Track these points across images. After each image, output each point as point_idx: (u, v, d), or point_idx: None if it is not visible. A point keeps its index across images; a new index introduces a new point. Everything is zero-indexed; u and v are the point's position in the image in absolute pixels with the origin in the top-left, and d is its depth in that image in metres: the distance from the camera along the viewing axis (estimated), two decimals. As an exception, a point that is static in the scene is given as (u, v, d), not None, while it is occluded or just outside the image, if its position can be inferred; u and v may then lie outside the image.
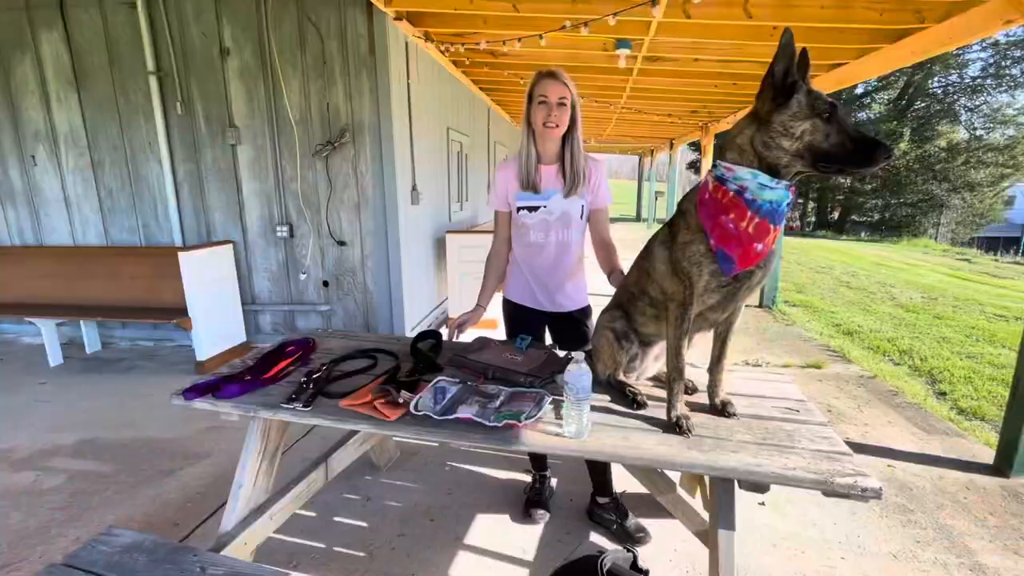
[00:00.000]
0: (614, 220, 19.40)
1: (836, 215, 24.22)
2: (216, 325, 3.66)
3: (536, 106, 1.70)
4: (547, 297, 1.90)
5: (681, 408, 1.35)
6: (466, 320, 1.95)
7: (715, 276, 1.28)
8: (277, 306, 4.02)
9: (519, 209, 1.82)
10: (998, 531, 2.04)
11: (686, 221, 1.33)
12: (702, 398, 1.50)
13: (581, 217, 1.82)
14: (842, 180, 21.84)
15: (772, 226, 1.21)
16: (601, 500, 2.01)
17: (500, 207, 1.90)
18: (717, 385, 1.44)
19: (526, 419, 1.30)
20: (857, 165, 1.10)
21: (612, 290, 1.73)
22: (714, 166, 1.28)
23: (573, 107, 1.72)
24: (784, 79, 1.14)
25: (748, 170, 1.20)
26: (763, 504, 2.16)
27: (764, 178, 1.18)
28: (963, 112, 20.02)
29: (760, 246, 1.22)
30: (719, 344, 1.45)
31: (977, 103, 19.78)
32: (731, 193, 1.21)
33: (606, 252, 1.88)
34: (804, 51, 1.19)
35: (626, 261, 1.77)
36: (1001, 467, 2.46)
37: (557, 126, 1.69)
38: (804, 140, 1.14)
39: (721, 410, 1.41)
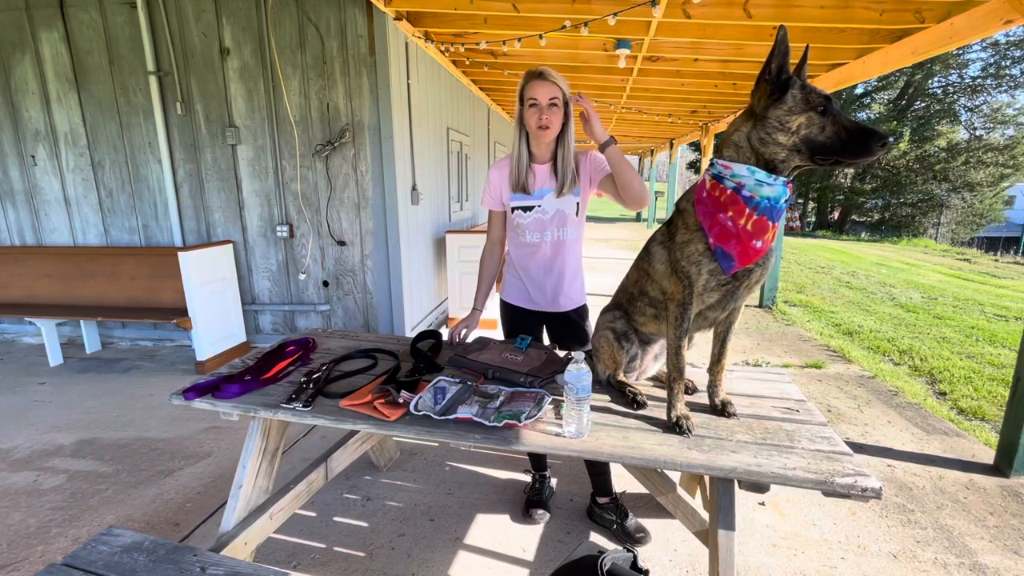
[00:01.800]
0: (613, 220, 19.39)
1: (836, 215, 24.19)
2: (216, 325, 3.66)
3: (527, 109, 1.66)
4: (543, 297, 1.89)
5: (681, 408, 1.35)
6: (466, 327, 1.94)
7: (714, 275, 1.28)
8: (277, 306, 4.02)
9: (514, 209, 1.81)
10: (998, 531, 2.04)
11: (684, 220, 1.33)
12: (702, 398, 1.50)
13: (576, 215, 1.80)
14: (842, 180, 21.85)
15: (771, 223, 1.21)
16: (601, 500, 2.00)
17: (494, 207, 1.89)
18: (717, 385, 1.44)
19: (526, 419, 1.30)
20: (855, 155, 1.09)
21: (611, 291, 1.72)
22: (710, 164, 1.28)
23: (566, 105, 1.67)
24: (779, 75, 1.15)
25: (745, 166, 1.20)
26: (763, 504, 2.16)
27: (761, 174, 1.18)
28: (963, 112, 20.01)
29: (759, 243, 1.22)
30: (719, 344, 1.44)
31: (977, 103, 19.78)
32: (728, 190, 1.21)
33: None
34: (806, 48, 1.20)
35: (625, 262, 1.76)
36: (1001, 467, 2.46)
37: (550, 128, 1.65)
38: (800, 134, 1.14)
39: (721, 410, 1.41)
